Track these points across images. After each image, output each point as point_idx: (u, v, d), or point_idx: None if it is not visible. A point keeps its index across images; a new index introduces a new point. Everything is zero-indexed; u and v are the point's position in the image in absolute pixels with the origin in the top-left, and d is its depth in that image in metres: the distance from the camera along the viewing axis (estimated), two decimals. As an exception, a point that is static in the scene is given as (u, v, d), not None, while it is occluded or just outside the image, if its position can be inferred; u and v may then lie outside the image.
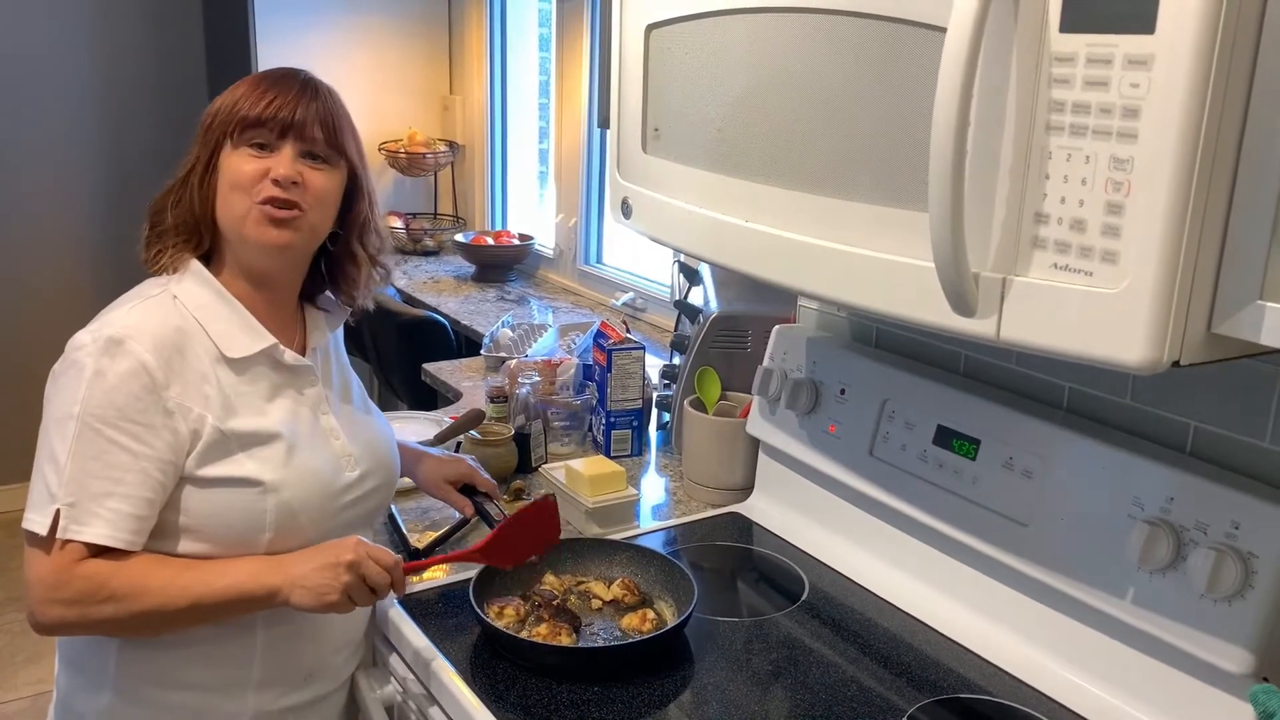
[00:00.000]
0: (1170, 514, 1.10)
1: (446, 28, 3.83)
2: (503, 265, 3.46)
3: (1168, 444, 1.19)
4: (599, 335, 2.00)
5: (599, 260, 3.32)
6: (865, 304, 1.03)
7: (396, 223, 3.75)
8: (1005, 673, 1.27)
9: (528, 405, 1.86)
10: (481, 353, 2.54)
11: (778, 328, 1.67)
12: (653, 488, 1.84)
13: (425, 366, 2.53)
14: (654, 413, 2.05)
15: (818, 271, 1.07)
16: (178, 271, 1.24)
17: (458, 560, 1.36)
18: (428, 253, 3.76)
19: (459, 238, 3.51)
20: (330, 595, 1.15)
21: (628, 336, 1.99)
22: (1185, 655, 1.10)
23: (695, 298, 2.01)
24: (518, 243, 3.47)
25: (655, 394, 2.04)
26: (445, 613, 1.36)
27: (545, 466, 1.75)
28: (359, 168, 1.29)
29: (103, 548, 1.13)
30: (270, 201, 1.20)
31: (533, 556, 1.39)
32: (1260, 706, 0.96)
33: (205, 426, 1.17)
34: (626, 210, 1.38)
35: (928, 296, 0.93)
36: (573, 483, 1.65)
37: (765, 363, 1.65)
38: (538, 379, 1.97)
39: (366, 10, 3.64)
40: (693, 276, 2.09)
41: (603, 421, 1.93)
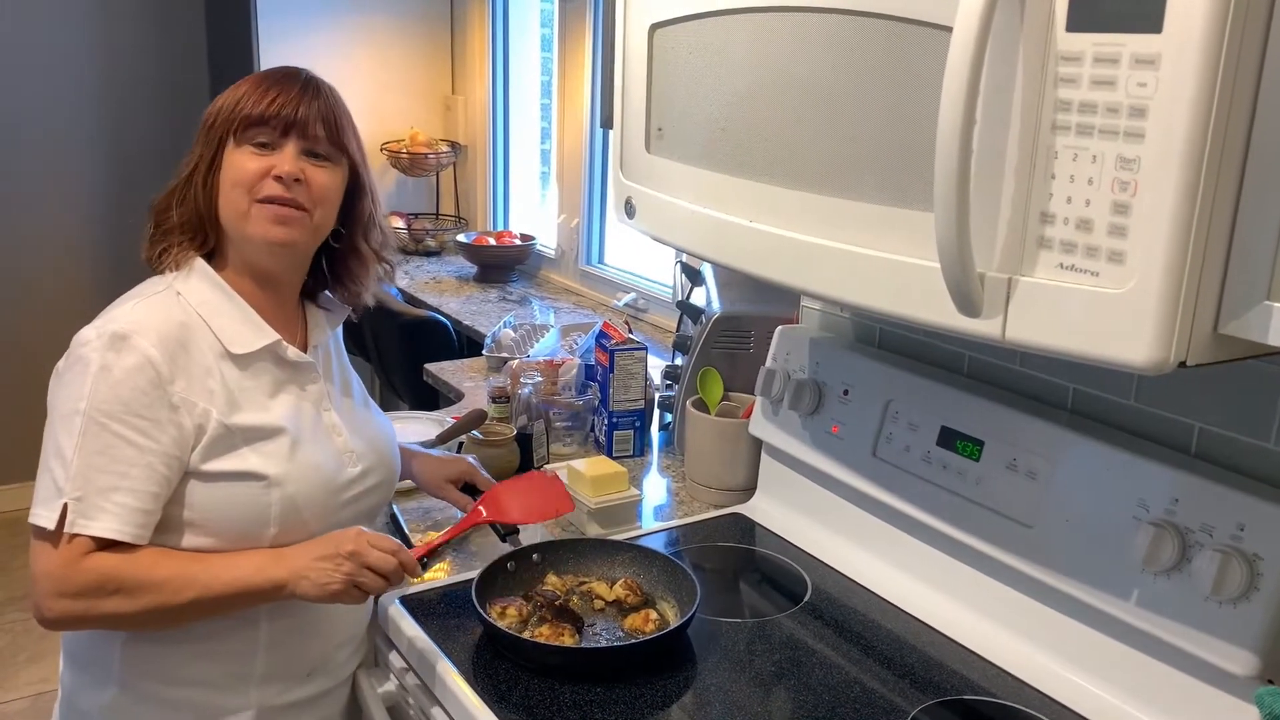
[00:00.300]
0: (1175, 515, 1.10)
1: (449, 27, 3.83)
2: (505, 265, 3.46)
3: (1173, 445, 1.19)
4: (601, 335, 2.00)
5: (601, 261, 3.32)
6: (869, 304, 1.02)
7: (398, 223, 3.74)
8: (1009, 674, 1.27)
9: (530, 405, 1.85)
10: (483, 353, 2.54)
11: (780, 328, 1.67)
12: (655, 488, 1.83)
13: (427, 367, 2.52)
14: (656, 413, 2.05)
15: (822, 271, 1.06)
16: (181, 269, 1.24)
17: (462, 531, 1.42)
18: (429, 253, 3.76)
19: (461, 238, 3.51)
20: (333, 585, 1.16)
21: (630, 337, 1.99)
22: (1190, 657, 1.09)
23: (697, 298, 2.01)
24: (519, 243, 3.47)
25: (657, 394, 2.04)
26: (447, 613, 1.35)
27: (547, 467, 1.75)
28: (360, 165, 1.30)
29: (108, 542, 1.13)
30: (273, 199, 1.21)
31: (541, 521, 1.47)
32: (1266, 709, 0.96)
33: (210, 421, 1.18)
34: (630, 210, 1.38)
35: (932, 297, 0.92)
36: (575, 483, 1.65)
37: (768, 363, 1.65)
38: (540, 379, 1.97)
39: (369, 10, 3.64)
40: (695, 277, 2.08)
41: (605, 422, 1.93)
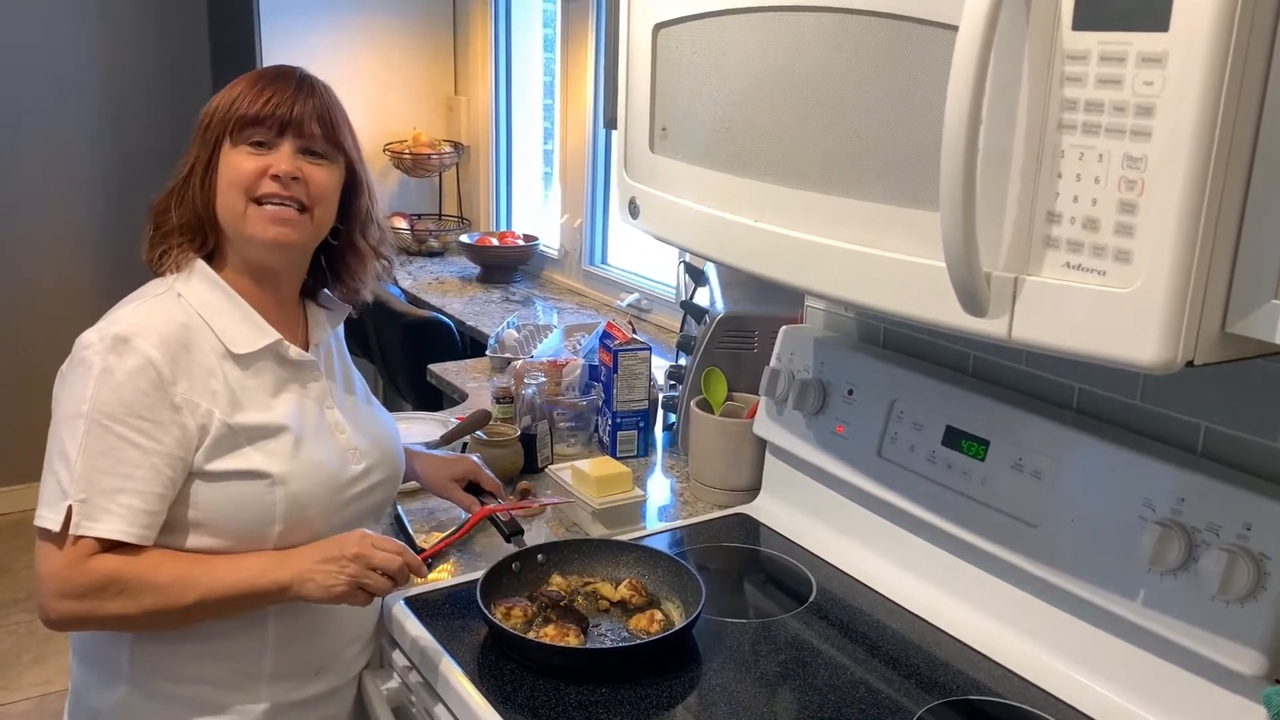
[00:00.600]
0: (1181, 515, 1.09)
1: (451, 28, 3.83)
2: (507, 266, 3.45)
3: (1179, 445, 1.19)
4: (605, 336, 1.99)
5: (604, 261, 3.32)
6: (875, 304, 1.02)
7: (401, 223, 3.74)
8: (1014, 674, 1.27)
9: (534, 406, 1.85)
10: (487, 353, 2.54)
11: (785, 328, 1.66)
12: (659, 489, 1.83)
13: (431, 367, 2.52)
14: (660, 413, 2.04)
15: (827, 271, 1.06)
16: (182, 271, 1.24)
17: (466, 532, 1.49)
18: (432, 253, 3.76)
19: (464, 238, 3.51)
20: (338, 587, 1.16)
21: (634, 337, 1.99)
22: (1197, 657, 1.09)
23: (701, 298, 2.01)
24: (522, 243, 3.47)
25: (661, 395, 2.04)
26: (452, 613, 1.35)
27: (551, 467, 1.75)
28: (357, 162, 1.31)
29: (113, 543, 1.14)
30: (271, 197, 1.21)
31: (523, 519, 1.57)
32: (1274, 709, 0.96)
33: (213, 421, 1.18)
34: (634, 210, 1.37)
35: (938, 296, 0.92)
36: (579, 483, 1.65)
37: (772, 363, 1.65)
38: (543, 380, 1.97)
39: (371, 10, 3.64)
40: (698, 277, 2.08)
41: (609, 422, 1.92)
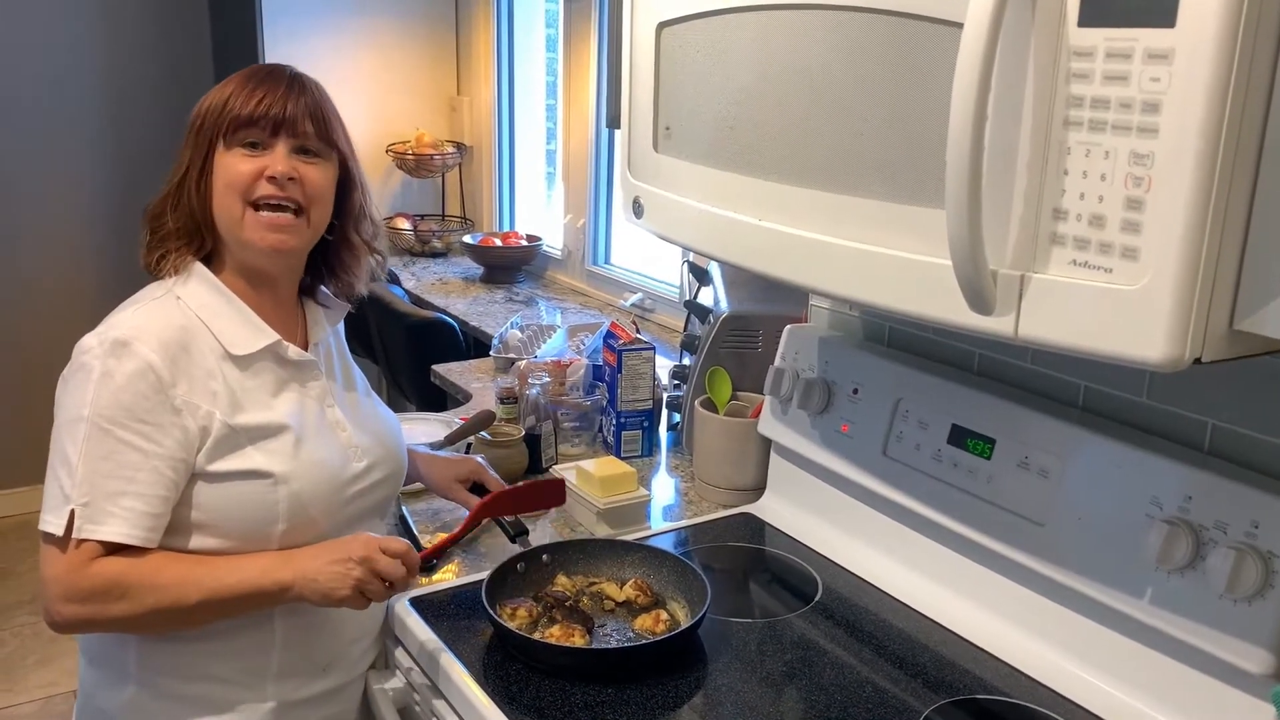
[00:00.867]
0: (1189, 513, 1.09)
1: (454, 29, 3.83)
2: (511, 266, 3.45)
3: (1185, 442, 1.18)
4: (609, 336, 1.99)
5: (607, 261, 3.32)
6: (879, 302, 1.02)
7: (404, 224, 3.75)
8: (1021, 673, 1.26)
9: (538, 406, 1.85)
10: (491, 354, 2.54)
11: (789, 327, 1.66)
12: (664, 488, 1.83)
13: (434, 368, 2.52)
14: (664, 413, 2.04)
15: (831, 269, 1.06)
16: (180, 274, 1.24)
17: (463, 534, 1.47)
18: (436, 254, 3.76)
19: (467, 239, 3.51)
20: (341, 591, 1.16)
21: (638, 337, 1.99)
22: (1205, 655, 1.08)
23: (705, 297, 2.01)
24: (526, 244, 3.47)
25: (666, 394, 2.03)
26: (457, 614, 1.35)
27: (556, 467, 1.74)
28: (350, 158, 1.31)
29: (117, 546, 1.14)
30: (269, 200, 1.21)
31: (527, 520, 1.55)
32: (1283, 707, 0.96)
33: (214, 422, 1.18)
34: (638, 209, 1.37)
35: (944, 294, 0.92)
36: (584, 483, 1.65)
37: (777, 362, 1.64)
38: (547, 380, 1.97)
39: (374, 12, 3.64)
40: (702, 276, 2.08)
41: (613, 422, 1.92)
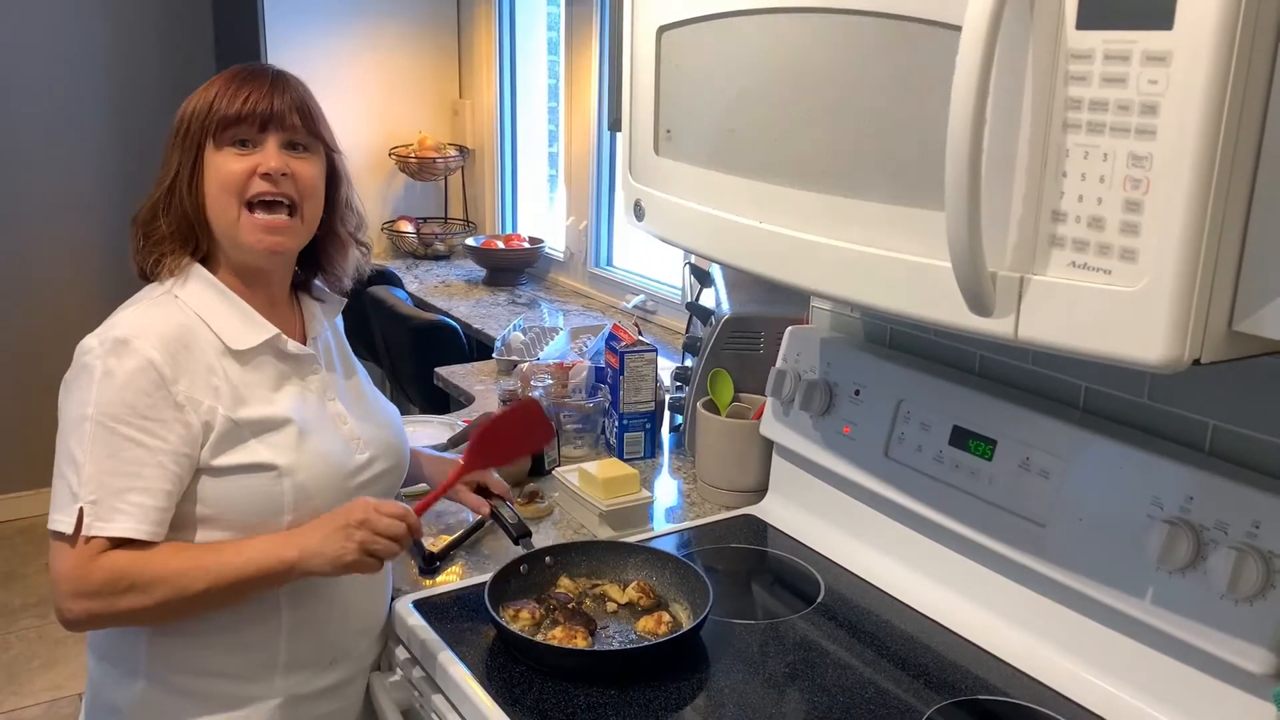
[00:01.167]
0: (1190, 513, 1.09)
1: (455, 32, 3.84)
2: (513, 269, 3.46)
3: (1186, 443, 1.19)
4: (611, 338, 1.99)
5: (609, 263, 3.32)
6: (880, 304, 1.02)
7: (407, 227, 3.75)
8: (1023, 674, 1.27)
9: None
10: (493, 356, 2.54)
11: (791, 329, 1.66)
12: (666, 490, 1.83)
13: (438, 370, 2.53)
14: (667, 415, 2.04)
15: (832, 272, 1.06)
16: (177, 275, 1.25)
17: (450, 487, 1.40)
18: (438, 257, 3.77)
19: (469, 242, 3.51)
20: (347, 555, 1.17)
21: (640, 339, 1.99)
22: (1206, 655, 1.09)
23: (707, 299, 2.01)
24: (528, 246, 3.47)
25: (668, 396, 2.04)
26: (460, 616, 1.36)
27: (558, 469, 1.75)
28: (335, 152, 1.32)
29: (124, 541, 1.15)
30: (263, 196, 1.22)
31: (525, 456, 1.53)
32: (1284, 707, 0.96)
33: (216, 417, 1.19)
34: (639, 212, 1.38)
35: (944, 296, 0.92)
36: (586, 485, 1.65)
37: (778, 364, 1.65)
38: (550, 382, 1.97)
39: (376, 15, 3.65)
40: (704, 278, 2.08)
41: (615, 424, 1.92)
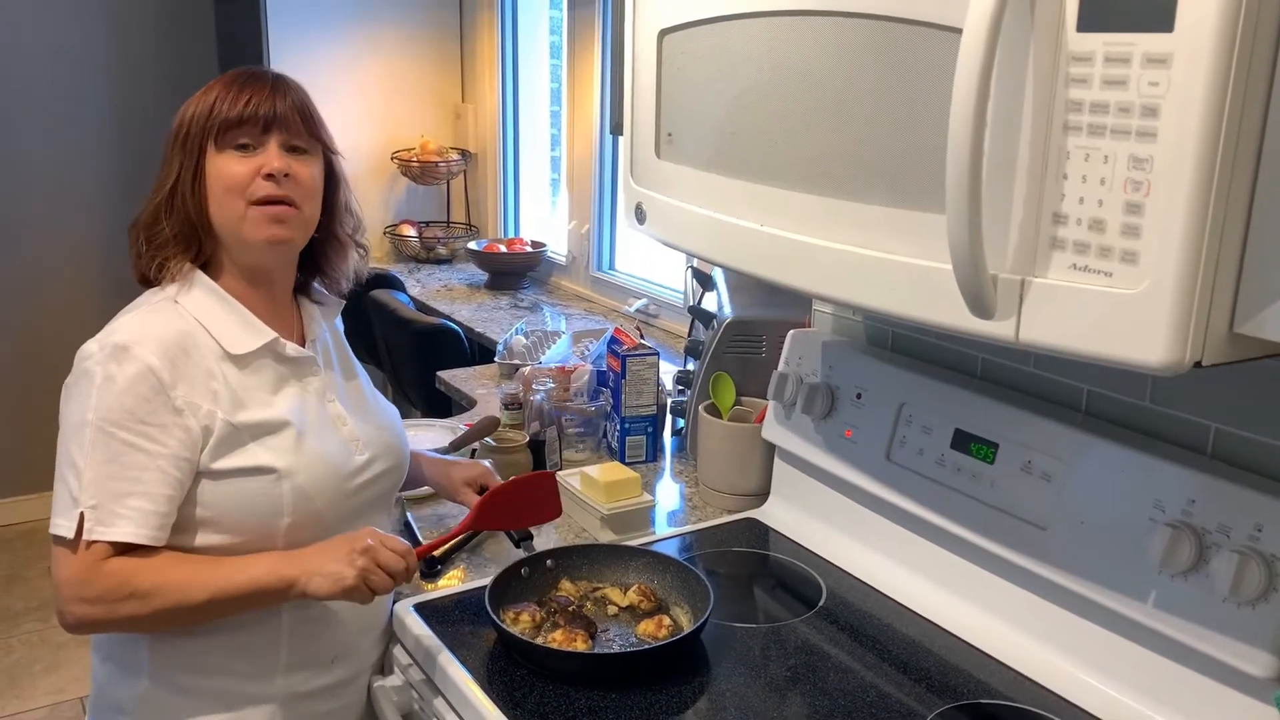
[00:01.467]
0: (1192, 517, 1.09)
1: (458, 36, 3.85)
2: (516, 273, 3.46)
3: (1188, 446, 1.18)
4: (613, 341, 1.99)
5: (611, 267, 3.32)
6: (881, 307, 1.02)
7: (410, 231, 3.76)
8: (1025, 677, 1.26)
9: (542, 412, 1.86)
10: (495, 360, 2.54)
11: (793, 332, 1.66)
12: (668, 494, 1.83)
13: (440, 374, 2.53)
14: (669, 419, 2.04)
15: (833, 275, 1.06)
16: (178, 280, 1.26)
17: (456, 536, 1.42)
18: (441, 261, 3.77)
19: (472, 245, 3.52)
20: (346, 580, 1.18)
21: (642, 342, 1.99)
22: (1208, 659, 1.08)
23: (709, 303, 2.01)
24: (530, 250, 3.48)
25: (670, 400, 2.04)
26: (461, 619, 1.36)
27: (560, 473, 1.75)
28: (334, 154, 1.33)
29: (126, 547, 1.16)
30: (268, 199, 1.23)
31: (531, 527, 1.50)
32: (1286, 711, 0.95)
33: (216, 421, 1.20)
34: (641, 216, 1.38)
35: (945, 299, 0.92)
36: (588, 489, 1.65)
37: (780, 367, 1.65)
38: (552, 385, 1.97)
39: (378, 20, 3.66)
40: (706, 282, 2.08)
41: (617, 427, 1.92)
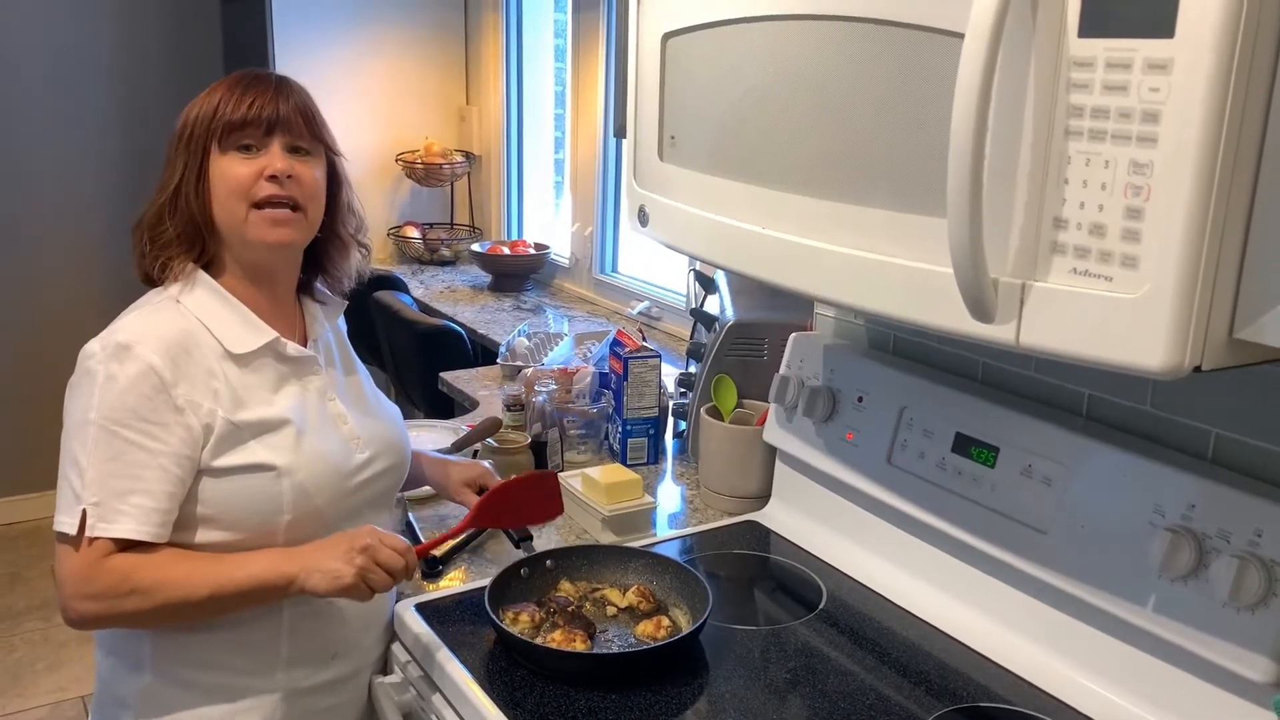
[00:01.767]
0: (1192, 521, 1.09)
1: (463, 38, 3.85)
2: (519, 274, 3.47)
3: (1189, 451, 1.19)
4: (615, 343, 2.00)
5: (614, 269, 3.33)
6: (883, 310, 1.02)
7: (413, 233, 3.76)
8: (1025, 681, 1.26)
9: (544, 413, 1.86)
10: (498, 361, 2.55)
11: (794, 335, 1.67)
12: (669, 496, 1.83)
13: (442, 375, 2.53)
14: (670, 421, 2.05)
15: (835, 278, 1.07)
16: (182, 280, 1.27)
17: (456, 535, 1.41)
18: (444, 262, 3.78)
19: (475, 247, 3.52)
20: (345, 578, 1.18)
21: (644, 345, 1.99)
22: (1208, 664, 1.08)
23: (711, 306, 2.01)
24: (533, 252, 3.48)
25: (671, 402, 2.04)
26: (461, 619, 1.36)
27: (561, 474, 1.75)
28: (336, 155, 1.34)
29: (128, 543, 1.17)
30: (270, 201, 1.24)
31: (532, 527, 1.50)
32: (1284, 716, 0.96)
33: (216, 420, 1.21)
34: (643, 218, 1.38)
35: (946, 302, 0.92)
36: (589, 490, 1.65)
37: (782, 370, 1.65)
38: (554, 387, 1.97)
39: (383, 21, 3.66)
40: (708, 285, 2.08)
41: (619, 429, 1.93)
